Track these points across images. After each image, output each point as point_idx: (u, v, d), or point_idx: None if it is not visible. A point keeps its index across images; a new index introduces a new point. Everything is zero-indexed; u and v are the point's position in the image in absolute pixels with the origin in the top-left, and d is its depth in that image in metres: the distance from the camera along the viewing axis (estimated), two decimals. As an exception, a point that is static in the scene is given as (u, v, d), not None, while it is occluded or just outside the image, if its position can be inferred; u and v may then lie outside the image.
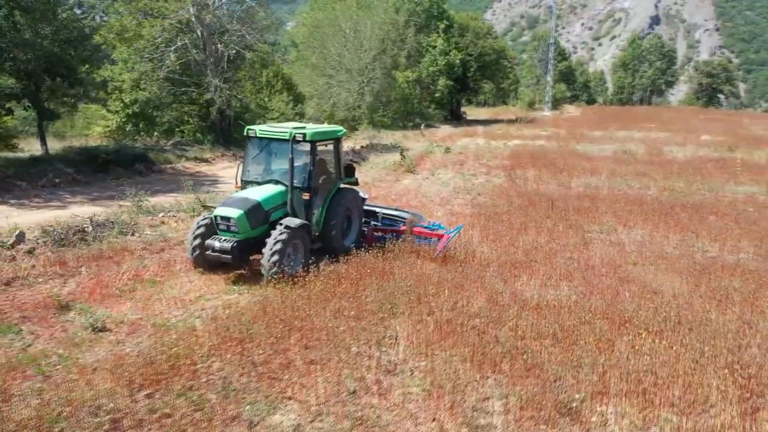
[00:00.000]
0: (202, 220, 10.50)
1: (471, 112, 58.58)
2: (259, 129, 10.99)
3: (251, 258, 10.48)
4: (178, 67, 26.60)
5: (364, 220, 12.43)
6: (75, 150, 21.25)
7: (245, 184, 11.07)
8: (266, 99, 34.61)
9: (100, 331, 7.93)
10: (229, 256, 9.89)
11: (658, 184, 21.04)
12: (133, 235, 12.57)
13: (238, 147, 28.54)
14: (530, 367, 6.97)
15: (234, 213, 9.91)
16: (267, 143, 11.11)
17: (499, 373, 6.98)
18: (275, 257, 9.60)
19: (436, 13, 48.92)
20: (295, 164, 10.48)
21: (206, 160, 25.34)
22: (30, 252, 10.72)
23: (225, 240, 10.01)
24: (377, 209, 13.21)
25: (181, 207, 15.18)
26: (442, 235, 11.88)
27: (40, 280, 9.65)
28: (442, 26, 48.68)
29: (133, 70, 25.99)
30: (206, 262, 10.34)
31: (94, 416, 5.84)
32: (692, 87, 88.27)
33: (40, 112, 21.73)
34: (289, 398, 6.45)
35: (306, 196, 10.71)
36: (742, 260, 12.07)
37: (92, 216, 12.66)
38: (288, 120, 33.61)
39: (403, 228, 12.25)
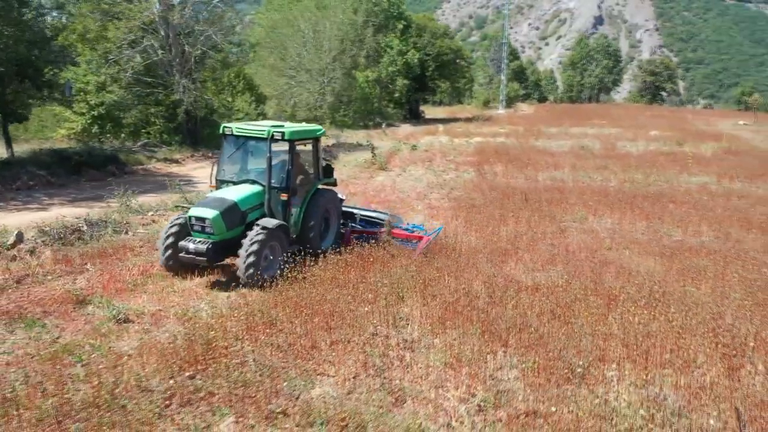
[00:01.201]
0: (175, 221, 10.17)
1: (429, 111, 59.58)
2: (235, 127, 10.67)
3: (227, 260, 10.32)
4: (142, 68, 26.46)
5: (341, 221, 12.27)
6: (46, 152, 21.01)
7: (220, 183, 10.81)
8: (230, 99, 34.56)
9: (124, 322, 8.23)
10: (204, 258, 9.56)
11: (618, 176, 22.23)
12: (126, 233, 12.75)
13: (207, 147, 28.60)
14: (535, 340, 7.64)
15: (209, 213, 9.61)
16: (243, 142, 10.77)
17: (507, 347, 7.62)
18: (252, 259, 9.37)
19: (394, 14, 49.66)
20: (273, 163, 10.27)
21: (176, 161, 25.33)
22: (31, 251, 10.82)
23: (200, 241, 9.65)
24: (355, 210, 13.08)
25: (167, 206, 15.37)
26: (421, 237, 11.91)
27: (49, 277, 9.82)
28: (400, 26, 49.47)
29: (98, 72, 25.70)
30: (179, 266, 10.01)
31: (147, 395, 6.20)
32: (637, 85, 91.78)
33: (6, 114, 21.36)
34: (322, 374, 6.94)
35: (284, 196, 10.42)
36: (704, 242, 13.13)
37: (87, 216, 12.74)
38: (252, 120, 33.69)
39: (382, 230, 12.08)
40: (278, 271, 9.67)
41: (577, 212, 15.87)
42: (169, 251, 9.93)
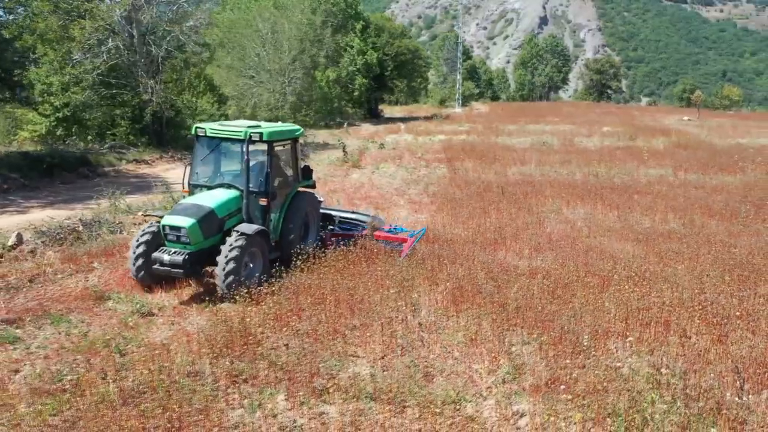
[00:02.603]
0: (146, 230, 9.60)
1: (387, 109, 60.29)
2: (209, 128, 10.11)
3: (204, 270, 9.88)
4: (104, 70, 26.12)
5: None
6: (16, 155, 20.62)
7: (193, 188, 10.23)
8: (194, 99, 34.33)
9: (147, 315, 8.48)
10: (181, 271, 9.00)
11: (582, 170, 23.28)
12: (121, 233, 12.85)
13: (174, 148, 28.44)
14: (542, 318, 8.28)
15: (185, 222, 9.04)
16: (218, 143, 10.21)
17: (516, 326, 8.23)
18: (231, 267, 8.85)
19: (352, 14, 50.13)
20: (250, 166, 9.79)
21: (146, 162, 25.17)
22: (32, 252, 10.86)
23: (175, 252, 9.05)
24: (334, 212, 12.69)
25: (154, 206, 15.45)
26: (405, 239, 11.67)
27: (59, 276, 9.93)
28: (359, 27, 50.01)
29: (62, 72, 25.26)
30: (152, 278, 9.43)
31: (194, 378, 6.54)
32: (584, 83, 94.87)
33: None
34: (353, 355, 7.40)
35: (263, 201, 9.94)
36: (673, 229, 14.11)
37: (81, 216, 12.79)
38: (215, 121, 33.54)
39: (364, 232, 11.74)
40: (259, 280, 9.14)
41: (551, 204, 16.71)
42: (141, 262, 9.30)
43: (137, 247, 9.35)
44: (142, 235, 9.49)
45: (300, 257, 9.97)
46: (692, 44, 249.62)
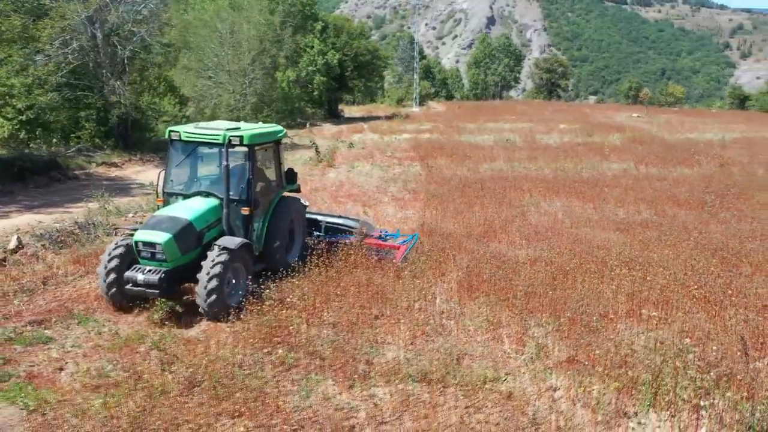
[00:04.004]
0: (116, 246, 8.72)
1: (346, 109, 60.53)
2: (184, 131, 9.32)
3: (183, 287, 9.14)
4: (68, 71, 25.58)
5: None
6: (-17, 159, 20.05)
7: (168, 196, 9.48)
8: (157, 101, 33.85)
9: (171, 312, 8.61)
10: (158, 291, 8.21)
11: (550, 165, 24.18)
12: (116, 234, 12.79)
13: (141, 151, 28.05)
14: (552, 303, 8.83)
15: (160, 237, 8.27)
16: (194, 148, 9.43)
17: (527, 311, 8.75)
18: (214, 285, 8.11)
19: (308, 14, 50.15)
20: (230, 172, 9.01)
21: (116, 165, 24.80)
22: (35, 255, 10.79)
23: (150, 270, 8.28)
24: (319, 218, 11.89)
25: (141, 207, 15.41)
26: (398, 247, 11.14)
27: (71, 278, 9.91)
28: (318, 27, 50.10)
29: (23, 74, 24.59)
30: (125, 298, 8.63)
31: (242, 369, 6.79)
32: (534, 82, 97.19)
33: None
34: (384, 342, 7.77)
35: (246, 210, 9.19)
36: (648, 219, 14.97)
37: (77, 219, 12.71)
38: (177, 123, 33.21)
39: (353, 240, 11.01)
40: (244, 297, 8.52)
41: (530, 198, 17.40)
42: (112, 282, 8.48)
43: (108, 264, 8.49)
44: (113, 250, 8.63)
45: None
46: (633, 44, 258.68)
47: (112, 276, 8.46)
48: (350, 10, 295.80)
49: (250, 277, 8.76)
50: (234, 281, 8.68)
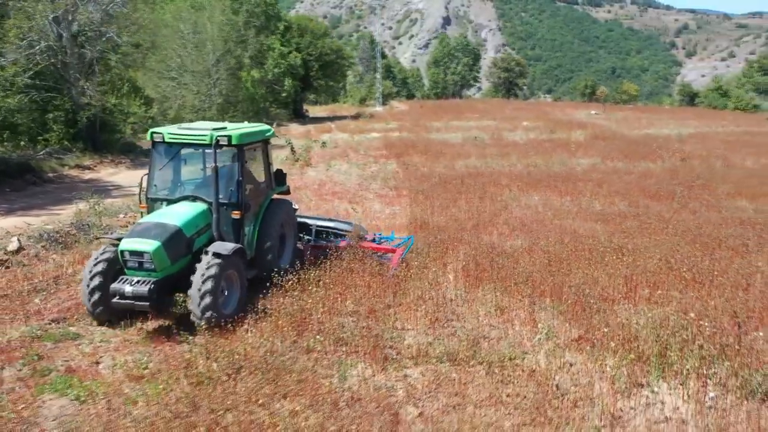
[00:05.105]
0: (99, 257, 8.20)
1: (310, 109, 60.60)
2: (167, 133, 8.96)
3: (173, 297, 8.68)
4: (35, 72, 25.12)
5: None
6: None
7: (152, 202, 9.07)
8: (124, 102, 33.37)
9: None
10: (147, 303, 7.75)
11: (521, 161, 24.96)
12: (112, 234, 12.81)
13: (112, 152, 27.69)
14: (551, 287, 9.37)
15: (148, 246, 7.81)
16: (178, 150, 9.10)
17: (531, 296, 9.26)
18: (207, 294, 7.71)
19: (271, 14, 50.07)
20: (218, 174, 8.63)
21: (89, 167, 24.47)
22: (36, 256, 10.79)
23: (138, 282, 7.80)
24: (310, 221, 11.65)
25: (130, 209, 15.41)
26: (394, 250, 11.01)
27: (79, 277, 9.95)
28: (281, 27, 50.07)
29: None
30: (112, 313, 8.16)
31: (275, 355, 7.09)
32: (492, 81, 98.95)
33: None
34: (402, 328, 8.16)
35: (236, 214, 8.88)
36: (623, 210, 15.75)
37: (72, 221, 12.70)
38: (145, 126, 32.85)
39: (343, 243, 10.85)
40: (239, 306, 8.30)
41: (509, 192, 18.03)
42: (98, 296, 7.99)
43: (91, 278, 7.99)
44: (95, 264, 8.11)
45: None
46: (585, 43, 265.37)
47: (97, 295, 7.99)
48: (306, 10, 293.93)
49: (244, 285, 8.50)
50: (227, 290, 8.27)
